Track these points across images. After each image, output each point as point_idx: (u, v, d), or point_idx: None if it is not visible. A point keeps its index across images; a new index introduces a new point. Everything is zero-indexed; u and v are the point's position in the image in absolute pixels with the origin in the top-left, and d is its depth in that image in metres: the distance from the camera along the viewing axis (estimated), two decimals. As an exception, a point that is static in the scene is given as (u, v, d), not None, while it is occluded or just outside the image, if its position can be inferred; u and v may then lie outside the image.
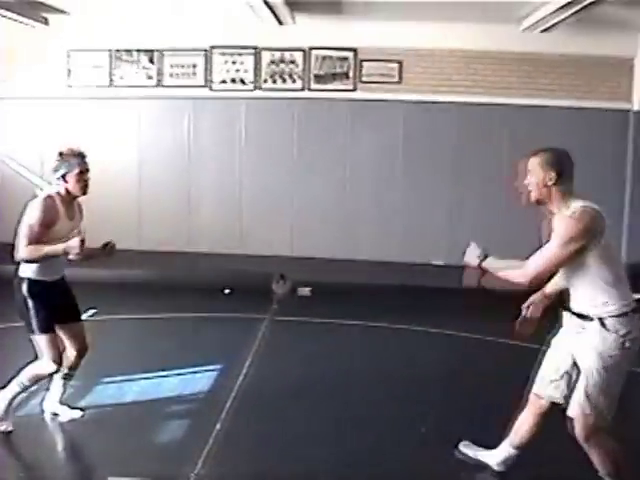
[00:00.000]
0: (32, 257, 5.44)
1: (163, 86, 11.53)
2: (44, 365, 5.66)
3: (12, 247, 5.52)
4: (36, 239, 5.40)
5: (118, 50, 11.48)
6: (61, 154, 5.64)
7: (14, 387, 5.74)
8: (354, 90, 11.29)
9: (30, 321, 5.59)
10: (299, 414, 6.30)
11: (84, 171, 5.63)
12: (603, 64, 11.02)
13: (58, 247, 5.42)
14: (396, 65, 11.13)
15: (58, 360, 5.67)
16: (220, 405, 6.32)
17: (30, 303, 5.58)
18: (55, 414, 6.05)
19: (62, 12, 10.71)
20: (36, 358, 5.70)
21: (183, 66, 11.48)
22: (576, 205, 4.37)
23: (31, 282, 5.61)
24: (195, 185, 11.63)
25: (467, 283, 4.93)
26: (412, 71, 11.16)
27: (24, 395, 6.07)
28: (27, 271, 5.61)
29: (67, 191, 5.61)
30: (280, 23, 10.57)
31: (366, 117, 11.35)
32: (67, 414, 6.04)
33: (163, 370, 7.30)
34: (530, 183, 4.52)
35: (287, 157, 11.53)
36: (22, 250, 5.41)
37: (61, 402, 6.09)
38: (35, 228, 5.41)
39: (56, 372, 5.76)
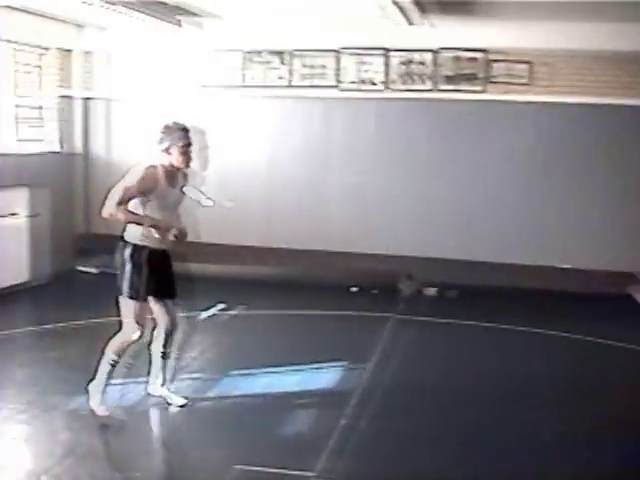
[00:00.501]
0: (116, 216, 5.58)
1: (293, 86, 11.69)
2: (127, 332, 5.79)
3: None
4: (127, 201, 5.58)
5: (249, 52, 11.70)
6: (167, 127, 5.83)
7: (105, 366, 5.83)
8: (483, 91, 11.20)
9: (122, 283, 5.75)
10: (423, 414, 6.33)
11: (187, 145, 5.80)
12: None
13: (144, 221, 5.64)
14: (526, 66, 10.97)
15: (141, 326, 5.78)
16: (345, 401, 6.42)
17: (128, 267, 5.73)
18: (167, 402, 6.18)
19: (197, 15, 10.97)
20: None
21: (313, 67, 11.62)
22: None
23: (135, 248, 5.75)
24: (324, 184, 11.73)
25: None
26: (542, 72, 10.95)
27: (134, 386, 6.30)
28: (133, 236, 5.78)
29: (171, 163, 5.79)
30: (410, 24, 10.58)
31: (495, 118, 11.23)
32: (172, 399, 6.20)
33: (290, 365, 7.44)
34: None
35: (415, 157, 11.48)
36: (110, 206, 5.56)
37: (168, 388, 6.24)
38: (131, 191, 5.59)
39: (139, 338, 5.83)
